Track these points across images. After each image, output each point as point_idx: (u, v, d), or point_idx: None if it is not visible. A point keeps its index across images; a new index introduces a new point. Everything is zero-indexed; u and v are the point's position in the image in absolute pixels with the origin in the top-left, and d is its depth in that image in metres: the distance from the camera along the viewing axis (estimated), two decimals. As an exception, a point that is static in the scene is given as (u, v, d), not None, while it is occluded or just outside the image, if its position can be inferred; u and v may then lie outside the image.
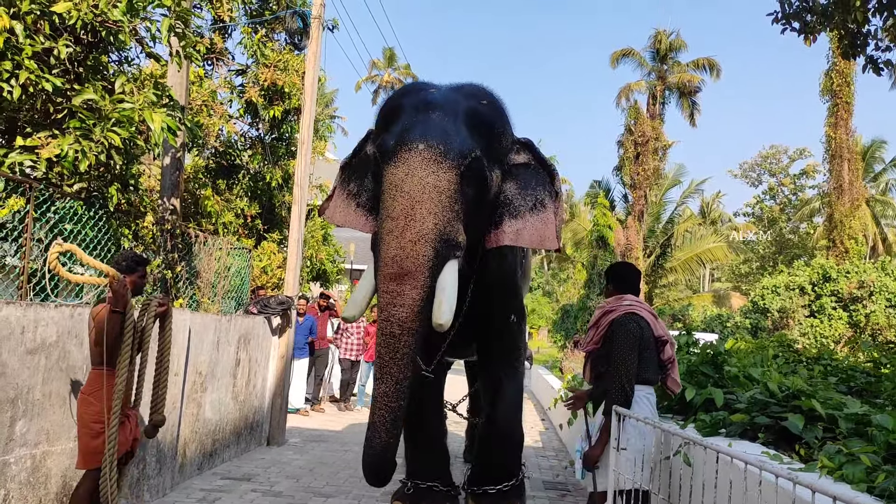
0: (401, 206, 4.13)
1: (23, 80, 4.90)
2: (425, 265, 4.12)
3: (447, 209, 4.20)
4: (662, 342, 3.81)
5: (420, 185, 4.14)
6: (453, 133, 4.35)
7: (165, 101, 5.75)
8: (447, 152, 4.21)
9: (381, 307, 4.21)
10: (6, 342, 3.87)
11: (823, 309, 21.67)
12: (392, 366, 4.12)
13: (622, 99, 30.52)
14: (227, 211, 10.09)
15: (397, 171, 4.19)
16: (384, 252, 4.18)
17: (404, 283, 4.11)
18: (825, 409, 3.13)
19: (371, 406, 4.21)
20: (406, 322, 4.11)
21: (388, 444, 4.12)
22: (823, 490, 1.84)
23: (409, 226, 4.11)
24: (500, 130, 4.77)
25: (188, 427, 6.13)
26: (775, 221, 45.82)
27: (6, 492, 3.93)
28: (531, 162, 4.92)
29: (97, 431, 3.92)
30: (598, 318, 4.01)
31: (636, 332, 3.73)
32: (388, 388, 4.11)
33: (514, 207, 4.79)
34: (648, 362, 3.73)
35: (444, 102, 4.58)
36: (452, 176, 4.22)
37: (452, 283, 4.26)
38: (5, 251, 5.46)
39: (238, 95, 9.99)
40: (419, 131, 4.30)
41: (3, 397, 3.87)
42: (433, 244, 4.14)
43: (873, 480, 2.22)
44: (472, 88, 4.90)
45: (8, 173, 4.78)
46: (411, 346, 4.16)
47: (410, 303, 4.10)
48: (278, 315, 8.11)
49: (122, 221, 5.59)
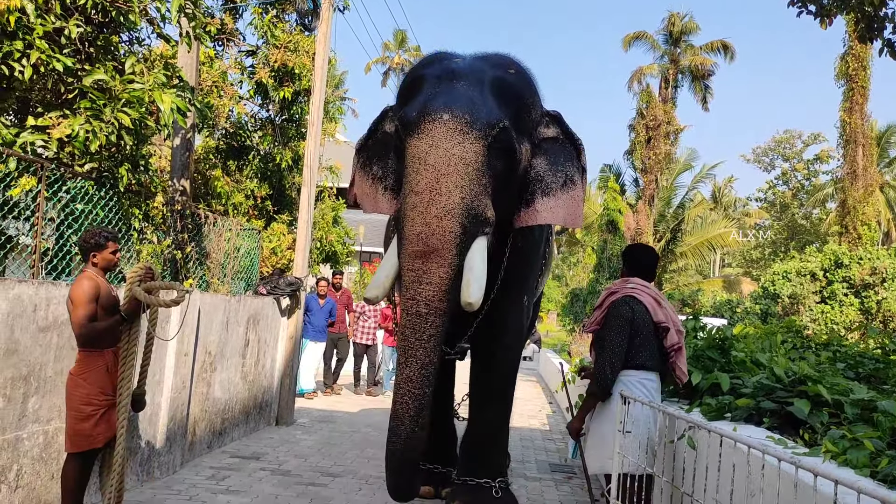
0: (425, 180, 3.91)
1: (34, 59, 4.92)
2: (452, 242, 3.90)
3: (474, 183, 3.97)
4: (664, 329, 3.72)
5: (445, 158, 3.91)
6: (479, 103, 4.12)
7: (175, 81, 5.76)
8: (473, 122, 3.98)
9: (407, 286, 3.98)
10: (19, 320, 3.92)
11: (835, 295, 21.55)
12: (418, 349, 3.89)
13: (634, 82, 30.28)
14: (236, 192, 10.11)
15: (420, 143, 3.97)
16: (408, 229, 3.96)
17: (430, 261, 3.90)
18: (831, 395, 3.13)
19: (394, 392, 3.99)
20: (433, 301, 3.89)
21: (413, 434, 3.88)
22: (826, 474, 1.85)
23: (434, 200, 3.88)
24: (528, 101, 4.53)
25: (198, 406, 6.20)
26: (787, 207, 45.50)
27: (19, 466, 3.99)
28: (559, 136, 4.69)
29: (87, 414, 3.84)
30: (602, 299, 3.99)
31: (628, 315, 3.69)
32: (413, 372, 3.88)
33: (545, 184, 4.56)
34: (641, 347, 3.67)
35: (469, 71, 4.35)
36: (480, 147, 3.99)
37: (481, 261, 4.03)
38: (18, 230, 5.52)
39: (248, 76, 9.98)
40: (443, 101, 4.06)
41: (16, 374, 3.92)
42: (460, 220, 3.91)
43: (877, 465, 2.22)
44: (499, 58, 4.67)
45: (20, 153, 4.81)
46: (438, 327, 3.93)
47: (437, 281, 3.89)
48: (287, 296, 8.15)
49: (133, 202, 5.62)
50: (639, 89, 30.07)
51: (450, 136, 3.93)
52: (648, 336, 3.70)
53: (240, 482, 5.61)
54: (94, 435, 3.86)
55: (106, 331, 3.87)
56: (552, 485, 6.25)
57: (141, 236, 5.91)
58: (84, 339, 3.80)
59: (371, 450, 7.11)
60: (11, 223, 5.37)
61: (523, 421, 9.82)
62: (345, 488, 5.63)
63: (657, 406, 3.34)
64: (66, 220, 5.01)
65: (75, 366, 3.91)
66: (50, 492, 4.23)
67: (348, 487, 5.67)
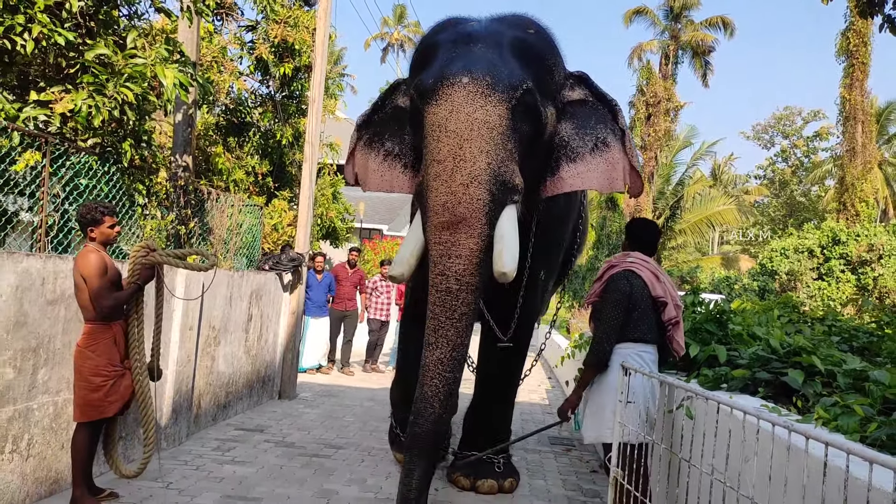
0: (447, 147, 3.66)
1: (36, 33, 4.91)
2: (481, 210, 3.64)
3: (500, 148, 3.71)
4: (662, 303, 3.75)
5: (468, 123, 3.66)
6: (500, 64, 3.87)
7: (177, 56, 5.76)
8: (496, 84, 3.73)
9: (435, 261, 3.72)
10: (27, 293, 3.97)
11: (832, 272, 21.67)
12: (448, 328, 3.64)
13: (634, 59, 30.17)
14: (237, 168, 10.13)
15: (440, 109, 3.72)
16: (433, 200, 3.70)
17: (458, 232, 3.64)
18: (825, 366, 3.20)
19: (422, 374, 3.74)
20: (464, 276, 3.64)
21: (441, 419, 3.70)
22: (817, 437, 1.92)
23: (458, 167, 3.63)
24: (551, 63, 4.27)
25: (202, 379, 6.28)
26: (787, 184, 45.49)
27: (30, 436, 4.08)
28: (588, 98, 4.40)
29: (97, 385, 3.97)
30: (602, 272, 3.98)
31: (625, 289, 3.71)
32: (444, 353, 3.64)
33: (571, 150, 4.29)
34: (639, 321, 3.71)
35: (487, 34, 4.12)
36: (504, 110, 3.73)
37: (513, 229, 3.76)
38: (20, 206, 5.55)
39: (248, 52, 9.96)
40: (461, 64, 3.82)
41: (26, 346, 3.99)
42: (488, 186, 3.65)
43: (866, 431, 2.30)
44: (517, 18, 4.42)
45: (24, 127, 4.83)
46: (470, 304, 3.68)
47: (468, 253, 3.63)
48: (289, 271, 8.21)
49: (136, 177, 5.65)
50: (639, 66, 29.99)
51: (471, 100, 3.69)
52: (647, 310, 3.73)
53: (245, 453, 5.71)
54: (104, 405, 3.97)
55: (124, 302, 3.97)
56: (552, 456, 6.37)
57: (144, 212, 5.94)
58: (108, 310, 3.93)
59: (373, 423, 7.22)
60: (11, 198, 5.41)
61: (524, 395, 9.91)
62: (348, 459, 5.73)
63: (656, 376, 3.41)
64: (70, 195, 5.05)
65: (82, 338, 3.99)
66: (60, 461, 4.32)
67: (351, 459, 5.77)
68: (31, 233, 5.71)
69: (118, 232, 4.13)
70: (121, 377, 4.04)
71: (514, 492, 5.04)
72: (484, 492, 4.92)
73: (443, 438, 3.85)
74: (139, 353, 4.20)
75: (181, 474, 5.00)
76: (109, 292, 3.96)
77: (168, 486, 4.70)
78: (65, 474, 4.35)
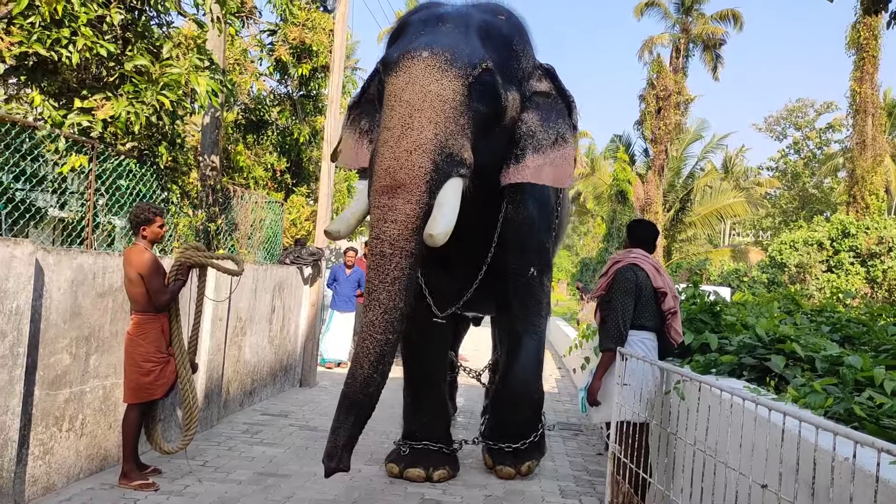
0: (398, 116, 3.76)
1: (80, 45, 5.31)
2: (421, 178, 3.71)
3: (450, 121, 3.81)
4: (662, 294, 4.07)
5: (421, 93, 3.77)
6: (462, 43, 4.00)
7: (207, 64, 6.14)
8: (453, 60, 3.85)
9: (373, 224, 3.81)
10: (81, 287, 4.37)
11: (841, 264, 21.85)
12: (381, 292, 3.70)
13: (645, 52, 30.32)
14: (257, 166, 10.54)
15: (398, 80, 3.84)
16: (377, 164, 3.79)
17: (396, 197, 3.71)
18: (805, 352, 3.54)
19: (358, 336, 3.88)
20: (398, 241, 3.70)
21: (370, 379, 3.77)
22: (776, 408, 2.27)
23: (405, 135, 3.73)
24: (518, 48, 4.37)
25: (231, 367, 6.69)
26: (799, 176, 45.46)
27: (83, 416, 4.49)
28: (551, 91, 4.54)
29: (147, 370, 4.39)
30: (607, 268, 4.30)
31: (633, 280, 4.03)
32: (376, 316, 3.71)
33: (537, 141, 4.37)
34: (644, 310, 4.04)
35: (457, 15, 4.26)
36: (458, 86, 3.84)
37: (454, 197, 3.83)
38: (47, 202, 5.95)
39: (268, 54, 10.33)
40: (425, 41, 3.96)
41: (80, 335, 4.40)
42: (431, 156, 3.73)
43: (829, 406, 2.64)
44: (490, 5, 4.57)
45: (71, 133, 5.22)
46: (403, 269, 3.73)
47: (403, 219, 3.70)
48: (309, 265, 8.60)
49: (170, 178, 6.05)
50: (650, 59, 30.13)
51: (427, 73, 3.81)
52: (649, 300, 4.06)
53: (272, 436, 6.11)
54: (153, 388, 4.39)
55: (176, 295, 4.40)
56: (560, 440, 6.72)
57: (178, 210, 6.34)
58: (165, 303, 4.39)
59: (391, 409, 7.60)
60: (39, 195, 5.80)
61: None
62: (367, 441, 6.10)
63: (651, 361, 3.76)
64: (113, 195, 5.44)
65: (133, 328, 4.40)
66: (108, 439, 4.73)
67: (371, 440, 6.15)
68: (53, 228, 6.09)
69: (165, 231, 4.54)
70: (167, 363, 4.46)
71: (531, 473, 5.25)
72: (503, 477, 5.17)
73: (372, 398, 3.82)
74: (180, 342, 4.61)
75: (215, 454, 5.41)
76: (164, 286, 4.39)
77: (204, 464, 5.11)
78: (112, 452, 4.76)
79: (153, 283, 4.35)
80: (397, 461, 5.16)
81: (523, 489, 5.05)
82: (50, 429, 4.19)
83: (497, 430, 5.38)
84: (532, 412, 5.44)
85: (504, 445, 5.27)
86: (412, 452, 5.17)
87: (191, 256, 4.55)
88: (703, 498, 2.76)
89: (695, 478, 2.86)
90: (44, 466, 4.16)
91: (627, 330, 3.99)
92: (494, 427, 5.44)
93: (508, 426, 5.32)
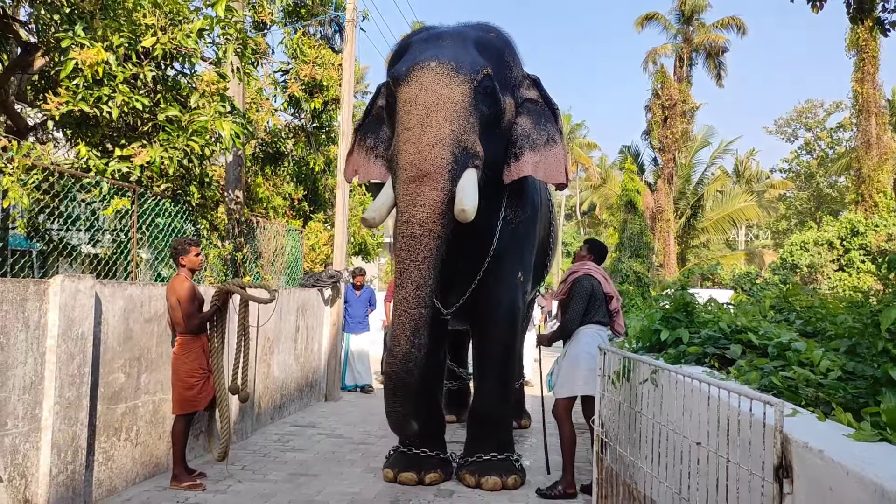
0: (416, 117, 4.26)
1: (119, 102, 6.00)
2: (444, 167, 4.21)
3: (462, 119, 4.32)
4: (609, 297, 5.16)
5: (434, 98, 4.27)
6: (463, 54, 4.54)
7: (229, 108, 6.82)
8: (459, 68, 4.37)
9: (401, 210, 4.28)
10: (132, 314, 5.02)
11: (852, 263, 22.14)
12: (413, 270, 4.17)
13: (649, 63, 30.92)
14: (276, 195, 11.22)
15: (410, 88, 4.34)
16: (402, 159, 4.29)
17: (424, 184, 4.21)
18: (760, 340, 4.06)
19: (392, 315, 4.26)
20: (426, 223, 4.19)
21: (409, 354, 4.10)
22: (707, 381, 2.83)
23: (425, 132, 4.23)
24: (509, 59, 4.95)
25: (261, 383, 7.30)
26: (812, 176, 45.58)
27: (137, 427, 5.11)
28: (539, 99, 5.11)
29: (191, 384, 5.02)
30: (566, 276, 5.28)
31: (588, 288, 5.08)
32: (408, 293, 4.15)
33: (531, 141, 4.92)
34: (598, 310, 5.10)
35: (454, 33, 4.86)
36: (466, 89, 4.36)
37: (472, 185, 4.31)
38: (80, 240, 6.60)
39: (282, 90, 11.04)
40: (431, 53, 4.48)
41: (132, 356, 5.03)
42: (450, 148, 4.24)
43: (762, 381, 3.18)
44: (482, 24, 5.15)
45: (113, 179, 5.90)
46: (432, 249, 4.20)
47: (430, 203, 4.19)
48: (329, 287, 9.22)
49: (200, 213, 6.71)
50: (654, 70, 30.71)
51: (437, 80, 4.32)
52: (602, 302, 5.16)
53: (302, 443, 6.71)
54: (197, 400, 5.01)
55: (208, 319, 5.01)
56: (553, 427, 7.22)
57: (208, 242, 7.00)
58: (195, 326, 4.99)
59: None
60: (74, 234, 6.44)
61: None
62: (388, 445, 6.65)
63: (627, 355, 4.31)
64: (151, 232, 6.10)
65: (178, 348, 5.03)
66: (158, 448, 5.35)
67: (391, 444, 6.69)
68: (89, 264, 6.70)
69: (202, 260, 5.17)
70: (208, 378, 5.07)
71: (517, 488, 5.28)
72: (488, 489, 5.21)
73: (413, 374, 4.15)
74: (218, 360, 5.22)
75: (252, 460, 6.01)
76: (198, 312, 5.02)
77: (243, 468, 5.71)
78: (162, 459, 5.38)
79: (187, 308, 4.97)
80: (392, 467, 5.44)
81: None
82: (110, 438, 4.82)
83: (473, 444, 5.47)
84: (504, 425, 5.58)
85: (478, 457, 5.34)
86: (406, 458, 5.42)
87: (227, 285, 5.18)
88: (660, 461, 3.30)
89: (653, 446, 3.42)
90: (107, 471, 4.79)
91: (577, 325, 5.05)
92: (471, 441, 5.53)
93: (485, 440, 5.42)
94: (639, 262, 25.04)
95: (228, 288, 5.18)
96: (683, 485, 3.00)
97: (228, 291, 5.20)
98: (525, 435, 7.41)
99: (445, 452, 5.64)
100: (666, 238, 28.52)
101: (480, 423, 5.53)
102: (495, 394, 5.52)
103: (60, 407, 4.21)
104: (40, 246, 6.32)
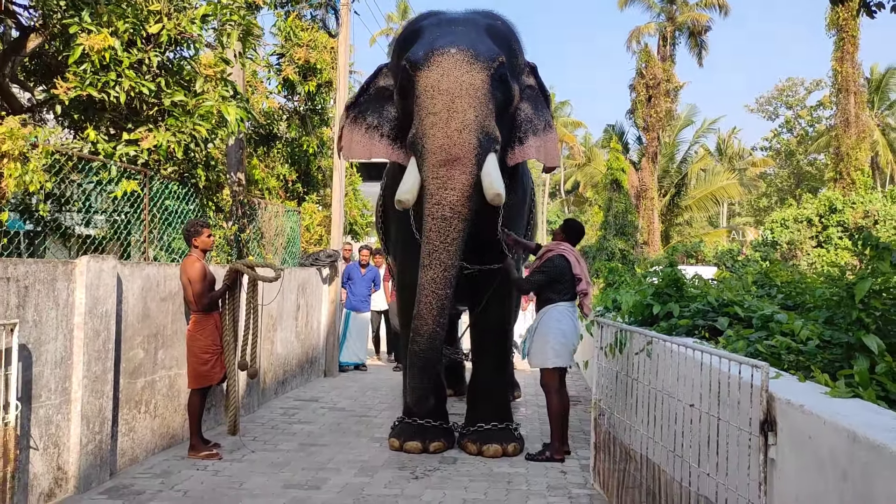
0: (442, 102, 4.41)
1: (126, 87, 6.15)
2: (472, 152, 4.39)
3: (483, 105, 4.48)
4: (578, 279, 5.41)
5: (457, 84, 4.42)
6: (479, 41, 4.69)
7: (233, 93, 6.98)
8: (478, 56, 4.52)
9: (432, 193, 4.42)
10: (149, 293, 5.24)
11: (830, 239, 22.66)
12: (442, 251, 4.33)
13: (632, 42, 31.13)
14: (270, 177, 11.38)
15: (432, 73, 4.47)
16: (431, 143, 4.42)
17: (454, 168, 4.37)
18: (745, 313, 4.38)
19: (418, 294, 4.37)
20: (457, 205, 4.36)
21: (434, 333, 4.32)
22: (695, 347, 3.13)
23: (452, 117, 4.38)
24: (515, 48, 5.14)
25: (266, 360, 7.55)
26: (793, 154, 46.19)
27: (155, 401, 5.36)
28: (535, 86, 5.35)
29: (205, 360, 5.27)
30: (542, 253, 5.61)
31: (560, 265, 5.40)
32: (437, 273, 4.31)
33: (534, 126, 5.11)
34: (567, 288, 5.42)
35: (466, 20, 5.02)
36: (485, 76, 4.51)
37: (496, 169, 4.53)
38: (73, 220, 6.75)
39: (276, 73, 11.16)
40: (449, 40, 4.60)
41: (150, 333, 5.27)
42: (477, 133, 4.41)
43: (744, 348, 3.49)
44: (487, 12, 5.35)
45: (122, 163, 6.07)
46: (461, 231, 4.38)
47: (461, 186, 4.37)
48: (326, 266, 9.46)
49: (206, 195, 6.90)
50: (637, 49, 30.93)
51: (458, 66, 4.46)
52: (571, 281, 5.44)
53: (307, 416, 6.99)
54: (211, 374, 5.26)
55: (218, 299, 5.24)
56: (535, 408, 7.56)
57: (215, 223, 7.20)
58: (206, 305, 5.18)
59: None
60: (67, 216, 6.57)
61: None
62: (390, 417, 6.98)
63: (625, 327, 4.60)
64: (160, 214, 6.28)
65: (192, 325, 5.27)
66: (174, 421, 5.61)
67: (393, 416, 7.01)
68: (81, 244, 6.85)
69: (213, 240, 5.39)
70: (221, 354, 5.32)
71: (517, 455, 5.56)
72: (490, 455, 5.47)
73: (438, 352, 4.34)
74: (229, 337, 5.44)
75: (262, 431, 6.29)
76: (208, 292, 5.24)
77: (254, 439, 5.98)
78: (178, 431, 5.64)
79: (198, 287, 5.21)
80: (398, 436, 5.68)
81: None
82: (132, 411, 5.07)
83: (474, 416, 5.76)
84: (502, 398, 5.92)
85: (479, 426, 5.60)
86: (410, 428, 5.67)
87: (236, 264, 5.40)
88: (656, 423, 3.62)
89: (649, 409, 3.73)
90: (129, 442, 5.04)
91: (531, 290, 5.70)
92: (471, 414, 5.82)
93: (483, 411, 5.70)
94: (623, 241, 25.43)
95: (237, 267, 5.40)
96: (677, 443, 3.31)
97: (237, 271, 5.43)
98: (516, 405, 7.73)
99: (448, 422, 5.92)
100: (650, 216, 28.93)
101: (481, 395, 5.86)
102: (494, 368, 5.89)
103: (88, 380, 4.45)
104: (27, 227, 6.41)
